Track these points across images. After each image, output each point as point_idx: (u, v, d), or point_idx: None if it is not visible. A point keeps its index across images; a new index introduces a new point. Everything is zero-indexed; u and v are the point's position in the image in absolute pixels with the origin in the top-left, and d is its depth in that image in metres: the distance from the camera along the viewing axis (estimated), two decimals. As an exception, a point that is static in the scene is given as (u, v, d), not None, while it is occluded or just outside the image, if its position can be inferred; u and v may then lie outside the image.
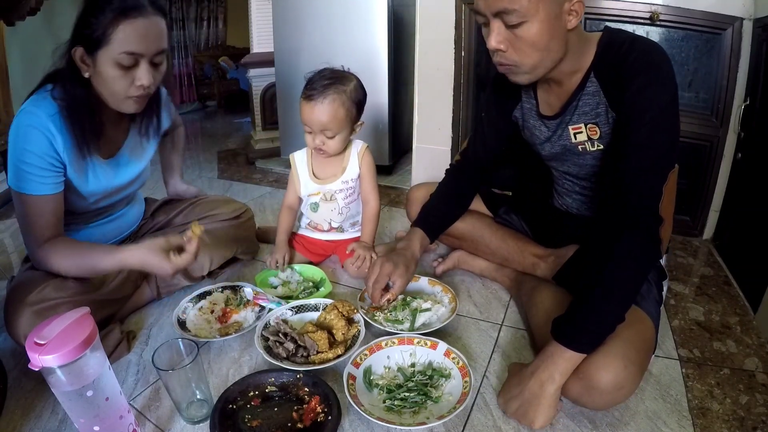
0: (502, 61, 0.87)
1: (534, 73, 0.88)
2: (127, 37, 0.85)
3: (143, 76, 0.90)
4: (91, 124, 0.95)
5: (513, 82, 0.92)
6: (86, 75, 0.91)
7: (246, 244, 1.41)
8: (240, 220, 1.38)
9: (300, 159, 1.39)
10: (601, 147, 0.96)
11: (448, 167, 1.27)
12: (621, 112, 0.88)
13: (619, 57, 0.85)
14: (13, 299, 0.92)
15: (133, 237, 1.26)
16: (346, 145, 1.33)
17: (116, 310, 1.11)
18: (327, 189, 1.37)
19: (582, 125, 0.96)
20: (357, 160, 1.35)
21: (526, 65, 0.86)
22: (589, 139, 0.96)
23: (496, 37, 0.83)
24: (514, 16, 0.79)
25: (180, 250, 0.96)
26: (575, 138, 0.98)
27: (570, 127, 0.98)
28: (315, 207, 1.40)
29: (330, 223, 1.42)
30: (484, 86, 1.81)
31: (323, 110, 1.21)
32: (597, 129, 0.94)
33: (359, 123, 1.31)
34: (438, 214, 1.22)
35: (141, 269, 0.98)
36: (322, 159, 1.34)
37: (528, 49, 0.83)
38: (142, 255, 0.93)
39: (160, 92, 1.11)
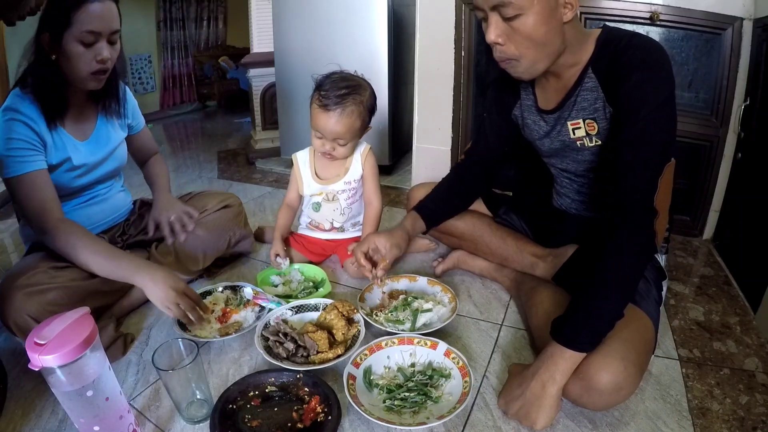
0: (502, 55, 0.88)
1: (534, 67, 0.89)
2: (87, 17, 0.99)
3: (103, 50, 1.02)
4: (61, 96, 1.06)
5: (515, 78, 0.93)
6: (53, 57, 1.02)
7: (239, 232, 1.40)
8: (229, 208, 1.38)
9: (303, 159, 1.38)
10: (599, 142, 0.96)
11: (455, 165, 1.28)
12: (618, 107, 0.88)
13: (618, 52, 0.86)
14: (5, 283, 0.94)
15: (120, 229, 1.27)
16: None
17: (109, 303, 1.11)
18: (330, 189, 1.37)
19: (580, 121, 0.96)
20: (360, 162, 1.36)
21: (525, 59, 0.87)
22: (587, 134, 0.97)
23: (494, 31, 0.84)
24: (510, 8, 0.80)
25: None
26: (574, 134, 0.99)
27: (569, 123, 0.98)
28: (317, 207, 1.40)
29: (332, 223, 1.42)
30: (485, 86, 1.81)
31: (341, 122, 1.21)
32: (595, 124, 0.95)
33: (368, 128, 1.32)
34: (436, 201, 1.23)
35: (145, 290, 0.99)
36: (326, 160, 1.35)
37: (525, 41, 0.84)
38: (157, 289, 0.97)
39: (119, 81, 1.20)
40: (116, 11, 1.04)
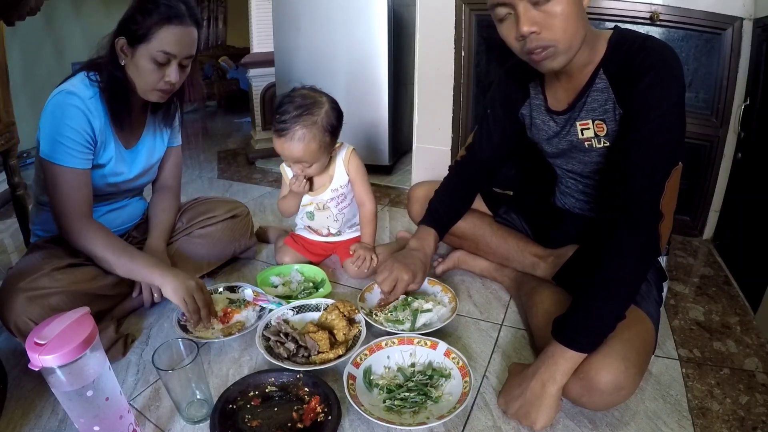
0: (538, 43, 0.83)
1: (569, 53, 0.85)
2: (166, 38, 0.99)
3: (172, 73, 1.03)
4: (125, 100, 1.07)
5: (547, 70, 0.89)
6: (122, 63, 1.03)
7: (243, 242, 1.41)
8: (236, 219, 1.38)
9: (290, 170, 1.37)
10: (607, 144, 0.96)
11: (453, 163, 1.26)
12: (628, 108, 0.88)
13: (630, 54, 0.86)
14: (7, 285, 0.94)
15: (128, 235, 1.26)
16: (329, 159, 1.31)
17: (110, 307, 1.11)
18: (318, 199, 1.36)
19: (589, 121, 0.96)
20: (344, 167, 1.34)
21: (563, 42, 0.83)
22: (596, 135, 0.97)
23: (527, 21, 0.80)
24: None
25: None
26: (582, 134, 0.98)
27: (577, 123, 0.98)
28: (311, 216, 1.40)
29: (328, 229, 1.42)
30: (484, 86, 1.81)
31: (294, 147, 1.19)
32: (604, 125, 0.94)
33: (336, 146, 1.30)
34: (446, 211, 1.22)
35: (163, 286, 1.04)
36: None
37: (561, 23, 0.80)
38: (175, 283, 1.01)
39: (180, 104, 1.22)
40: (196, 37, 1.05)
